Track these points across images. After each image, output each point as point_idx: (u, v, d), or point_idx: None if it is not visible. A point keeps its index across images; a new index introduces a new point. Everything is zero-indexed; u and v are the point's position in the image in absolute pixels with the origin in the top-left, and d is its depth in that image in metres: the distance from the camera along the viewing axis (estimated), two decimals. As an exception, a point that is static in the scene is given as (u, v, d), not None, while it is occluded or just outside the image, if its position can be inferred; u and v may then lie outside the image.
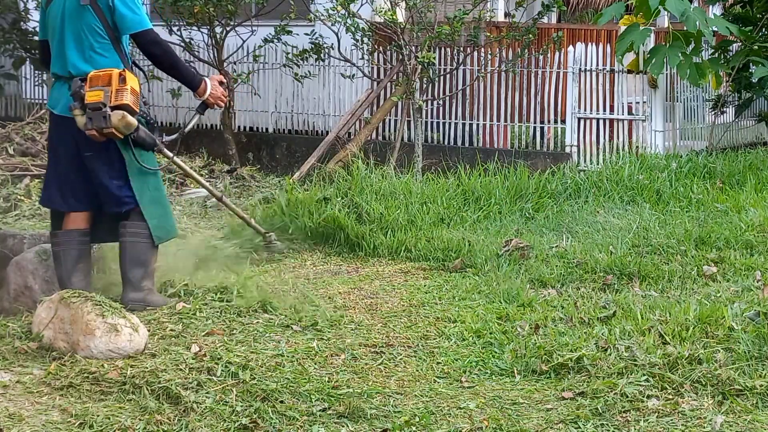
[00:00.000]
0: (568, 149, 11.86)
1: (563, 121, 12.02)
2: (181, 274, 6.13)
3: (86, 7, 5.57)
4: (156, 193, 5.75)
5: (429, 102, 12.36)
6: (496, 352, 5.22)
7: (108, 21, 5.59)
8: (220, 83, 5.93)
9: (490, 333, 5.48)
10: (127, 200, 5.66)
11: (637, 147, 11.38)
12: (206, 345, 5.08)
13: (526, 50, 11.92)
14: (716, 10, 14.06)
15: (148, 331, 5.18)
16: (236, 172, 10.52)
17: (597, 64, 11.77)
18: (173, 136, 6.09)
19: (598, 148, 11.70)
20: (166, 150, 5.90)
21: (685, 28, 10.99)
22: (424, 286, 6.55)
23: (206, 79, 5.88)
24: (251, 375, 4.70)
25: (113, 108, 5.39)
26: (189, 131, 6.16)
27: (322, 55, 12.31)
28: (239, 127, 13.75)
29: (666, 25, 13.98)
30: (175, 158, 6.07)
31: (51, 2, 5.75)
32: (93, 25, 5.58)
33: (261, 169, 11.94)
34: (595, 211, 8.62)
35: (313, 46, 12.23)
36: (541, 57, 12.12)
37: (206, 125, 13.60)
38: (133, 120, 5.49)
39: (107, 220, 5.80)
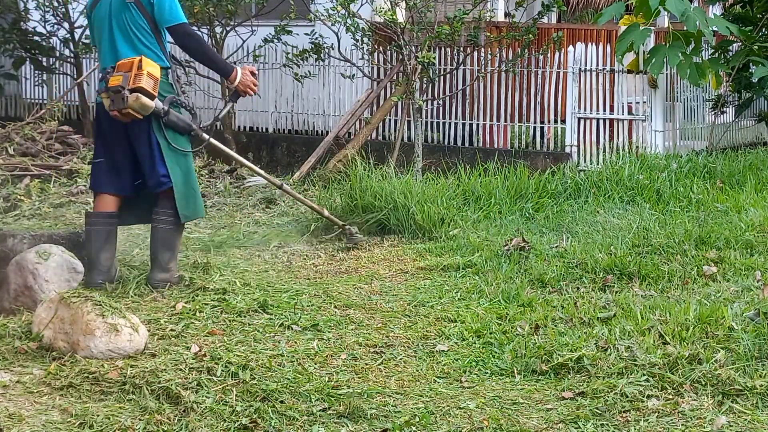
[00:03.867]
0: (568, 149, 11.86)
1: (563, 121, 12.02)
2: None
3: (131, 4, 6.12)
4: (187, 174, 6.19)
5: (429, 102, 12.36)
6: (496, 352, 5.22)
7: (151, 16, 6.13)
8: (252, 73, 6.39)
9: (490, 333, 5.48)
10: (164, 179, 6.12)
11: (637, 147, 11.37)
12: (206, 345, 5.09)
13: (526, 50, 11.92)
14: (716, 10, 14.07)
15: (148, 331, 5.18)
16: (236, 172, 10.51)
17: (597, 64, 11.77)
18: (209, 122, 6.55)
19: (598, 148, 11.69)
20: (203, 134, 6.33)
21: (685, 28, 10.99)
22: (424, 286, 6.55)
23: (238, 68, 6.35)
24: (251, 375, 4.70)
25: (131, 91, 5.87)
26: (223, 117, 6.59)
27: (322, 55, 12.31)
28: (239, 126, 13.75)
29: (666, 25, 13.98)
30: (212, 140, 6.46)
31: (95, 7, 6.31)
32: (137, 20, 6.12)
33: (261, 169, 11.92)
34: (595, 211, 8.62)
35: (313, 46, 12.22)
36: (541, 57, 12.12)
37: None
38: (148, 101, 5.93)
39: (140, 204, 6.31)
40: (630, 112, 11.74)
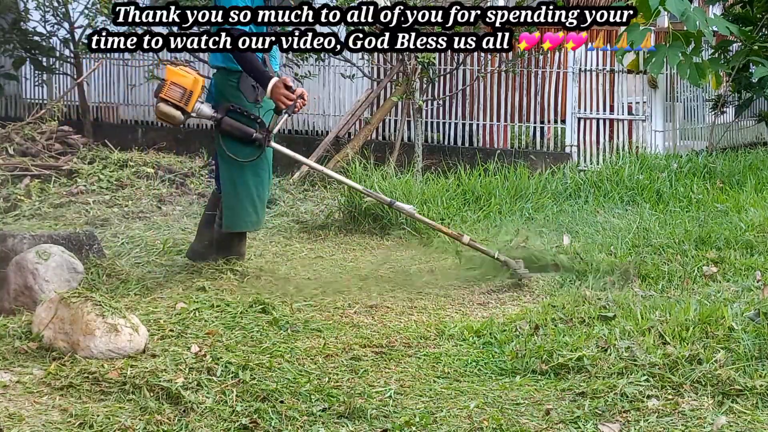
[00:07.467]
0: (568, 149, 11.86)
1: (563, 121, 12.02)
2: None
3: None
4: (236, 183, 6.25)
5: (429, 102, 12.36)
6: (496, 352, 5.21)
7: None
8: (285, 86, 6.09)
9: (490, 333, 5.48)
10: (219, 184, 6.43)
11: (637, 147, 11.38)
12: (206, 345, 5.08)
13: (526, 50, 11.91)
14: (716, 10, 14.06)
15: (148, 331, 5.18)
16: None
17: (597, 64, 11.77)
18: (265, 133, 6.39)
19: (598, 148, 11.70)
20: (275, 144, 6.30)
21: (685, 28, 10.99)
22: (425, 286, 6.54)
23: (273, 80, 6.10)
24: (251, 375, 4.70)
25: (157, 99, 6.14)
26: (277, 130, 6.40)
27: (322, 55, 12.31)
28: (239, 127, 13.73)
29: (666, 25, 13.97)
30: (280, 148, 6.41)
31: None
32: None
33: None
34: (595, 211, 8.63)
35: (313, 46, 12.21)
36: (541, 57, 12.12)
37: (206, 125, 13.58)
38: (168, 109, 6.09)
39: None
40: (630, 112, 11.74)
